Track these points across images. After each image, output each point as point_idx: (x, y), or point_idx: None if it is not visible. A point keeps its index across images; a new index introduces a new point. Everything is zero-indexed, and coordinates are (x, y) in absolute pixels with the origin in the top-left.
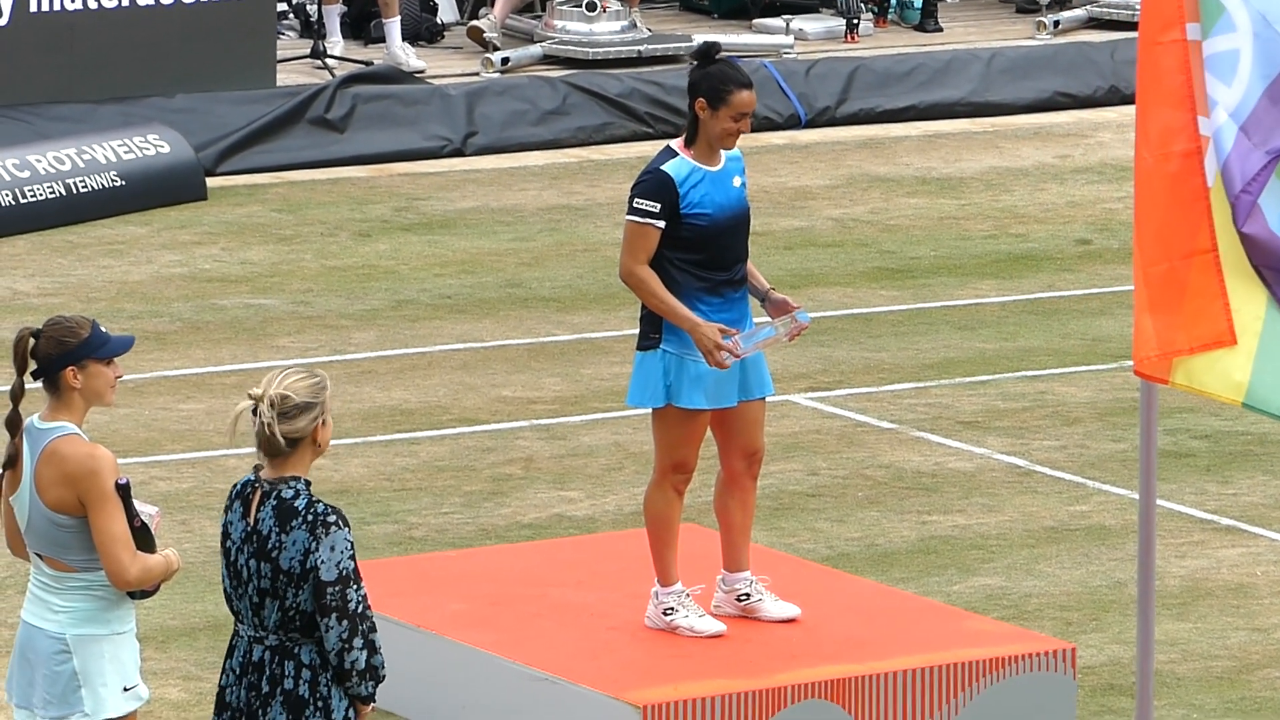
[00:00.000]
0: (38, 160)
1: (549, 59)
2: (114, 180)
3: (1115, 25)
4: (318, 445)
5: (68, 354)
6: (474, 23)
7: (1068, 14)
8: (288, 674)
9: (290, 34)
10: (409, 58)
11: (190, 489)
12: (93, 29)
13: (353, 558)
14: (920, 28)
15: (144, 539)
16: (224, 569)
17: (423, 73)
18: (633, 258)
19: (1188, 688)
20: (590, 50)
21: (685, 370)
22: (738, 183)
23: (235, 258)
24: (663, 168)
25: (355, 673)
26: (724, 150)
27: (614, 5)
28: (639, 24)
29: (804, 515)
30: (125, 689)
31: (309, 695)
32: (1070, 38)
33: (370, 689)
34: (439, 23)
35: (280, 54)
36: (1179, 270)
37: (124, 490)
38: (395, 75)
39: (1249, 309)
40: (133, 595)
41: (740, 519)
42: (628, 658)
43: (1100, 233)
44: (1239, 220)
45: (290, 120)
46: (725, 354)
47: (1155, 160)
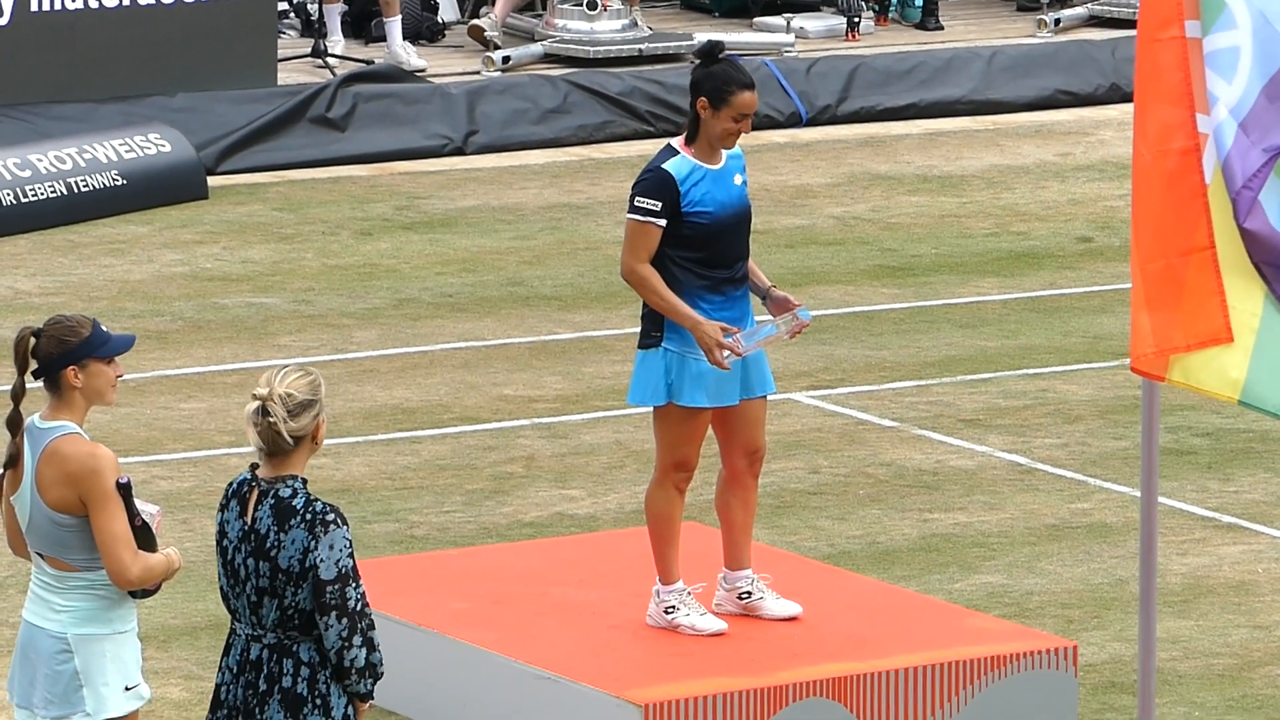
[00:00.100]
0: (39, 159)
1: (550, 58)
2: (115, 179)
3: (1116, 23)
4: (315, 443)
5: (69, 353)
6: (475, 21)
7: (1068, 12)
8: (286, 672)
9: (291, 33)
10: (410, 56)
11: (191, 488)
12: (94, 28)
13: (351, 556)
14: (921, 26)
15: (145, 538)
16: (220, 568)
17: (423, 71)
18: (634, 256)
19: (1189, 685)
20: (591, 49)
21: (687, 369)
22: (739, 181)
23: (236, 257)
24: (664, 166)
25: (354, 670)
26: (724, 149)
27: (615, 4)
28: (640, 22)
29: (805, 513)
30: (127, 688)
31: (307, 693)
32: (1071, 36)
33: (369, 687)
34: (440, 21)
35: (281, 53)
36: (1176, 267)
37: (125, 489)
38: (396, 74)
39: (1246, 306)
40: (134, 594)
41: (742, 517)
42: (629, 656)
43: (1101, 230)
44: (1240, 216)
45: (291, 119)
46: (727, 352)
47: (1153, 157)
